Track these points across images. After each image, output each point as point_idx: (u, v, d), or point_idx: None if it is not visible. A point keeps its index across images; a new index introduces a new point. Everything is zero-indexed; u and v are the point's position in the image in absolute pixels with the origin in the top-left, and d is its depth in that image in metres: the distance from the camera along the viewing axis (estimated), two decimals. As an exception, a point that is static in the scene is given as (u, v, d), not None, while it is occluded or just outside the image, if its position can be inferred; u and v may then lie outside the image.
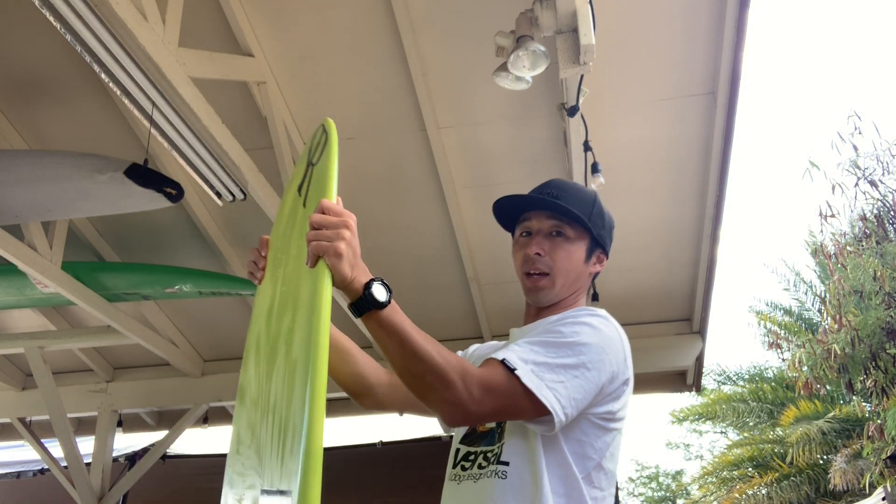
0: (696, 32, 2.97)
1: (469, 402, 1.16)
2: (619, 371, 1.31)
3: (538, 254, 1.43)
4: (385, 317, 1.14)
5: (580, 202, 1.48)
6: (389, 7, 2.91)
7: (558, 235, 1.45)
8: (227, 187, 3.10)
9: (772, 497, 11.98)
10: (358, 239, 1.17)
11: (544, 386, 1.19)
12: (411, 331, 1.15)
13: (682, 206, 3.86)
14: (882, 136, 14.58)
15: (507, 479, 1.26)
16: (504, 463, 1.28)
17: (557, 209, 1.45)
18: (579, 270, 1.47)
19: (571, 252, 1.45)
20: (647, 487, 22.80)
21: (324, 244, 1.11)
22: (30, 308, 4.41)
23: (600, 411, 1.30)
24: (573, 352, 1.25)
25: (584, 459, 1.28)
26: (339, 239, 1.11)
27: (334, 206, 1.16)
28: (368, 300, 1.13)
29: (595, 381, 1.25)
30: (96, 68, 2.46)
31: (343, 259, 1.11)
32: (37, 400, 4.91)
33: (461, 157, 3.58)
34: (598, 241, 1.50)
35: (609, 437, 1.32)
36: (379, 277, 1.15)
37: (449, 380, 1.15)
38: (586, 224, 1.46)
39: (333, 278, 1.11)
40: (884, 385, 9.62)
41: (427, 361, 1.14)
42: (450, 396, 1.16)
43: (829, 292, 10.58)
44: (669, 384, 5.34)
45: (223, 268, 4.26)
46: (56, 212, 3.31)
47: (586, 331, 1.29)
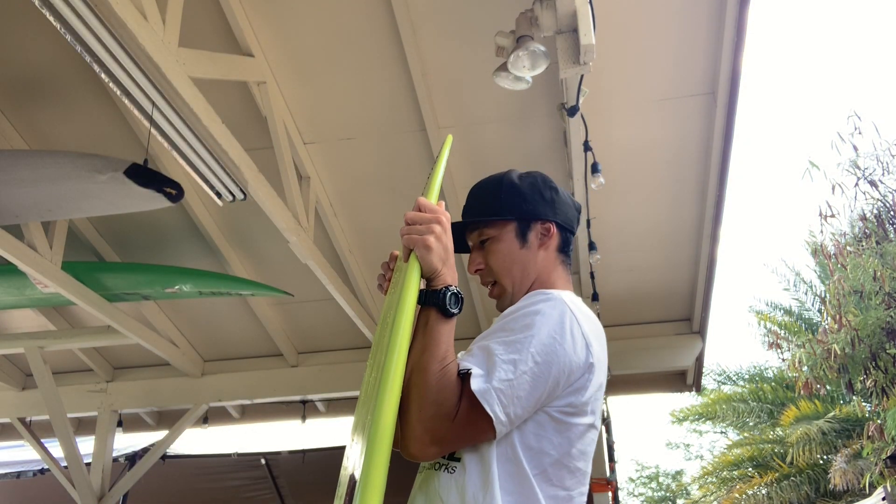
0: (696, 32, 2.97)
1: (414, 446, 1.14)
2: (577, 359, 1.21)
3: (478, 270, 1.43)
4: (436, 320, 1.18)
5: (484, 197, 1.45)
6: (389, 7, 2.91)
7: (484, 243, 1.42)
8: (227, 187, 3.10)
9: (772, 497, 11.98)
10: (451, 238, 1.22)
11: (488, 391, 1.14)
12: (442, 348, 1.17)
13: (682, 206, 3.86)
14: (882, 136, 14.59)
15: (453, 474, 1.22)
16: (456, 459, 1.23)
17: (471, 222, 1.44)
18: (521, 259, 1.40)
19: (500, 249, 1.40)
20: (647, 487, 22.79)
21: (414, 237, 1.18)
22: (30, 308, 4.41)
23: (560, 404, 1.22)
24: (521, 345, 1.18)
25: (539, 455, 1.20)
26: (429, 233, 1.18)
27: (428, 203, 1.23)
28: (438, 297, 1.18)
29: (544, 375, 1.17)
30: (96, 68, 2.46)
31: (432, 252, 1.17)
32: (37, 400, 4.91)
33: (461, 157, 3.58)
34: (525, 216, 1.42)
35: (572, 432, 1.23)
36: (461, 292, 1.19)
37: (425, 409, 1.13)
38: (495, 217, 1.41)
39: (423, 270, 1.17)
40: (884, 385, 9.62)
41: (426, 378, 1.14)
42: (416, 422, 1.14)
43: (829, 292, 10.58)
44: (669, 384, 5.34)
45: (223, 268, 4.26)
46: (56, 212, 3.31)
47: (537, 321, 1.21)
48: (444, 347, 1.17)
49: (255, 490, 6.42)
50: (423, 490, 1.28)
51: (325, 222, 3.89)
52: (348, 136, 3.50)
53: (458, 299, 1.19)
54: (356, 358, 4.96)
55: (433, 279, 1.20)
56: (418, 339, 1.18)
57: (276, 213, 3.17)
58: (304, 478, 6.19)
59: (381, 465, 1.00)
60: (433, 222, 1.20)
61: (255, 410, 5.91)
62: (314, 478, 6.02)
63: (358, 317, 4.20)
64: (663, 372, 5.12)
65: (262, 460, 6.17)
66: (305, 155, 3.56)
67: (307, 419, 5.77)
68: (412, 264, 1.17)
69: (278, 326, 4.82)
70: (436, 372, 1.15)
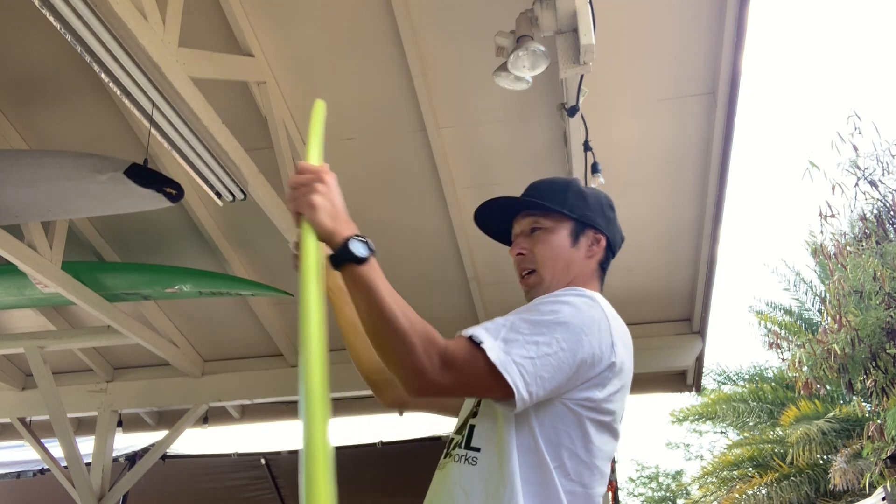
0: (696, 32, 2.97)
1: (429, 371, 1.13)
2: (601, 354, 1.21)
3: (520, 254, 1.43)
4: (360, 272, 1.14)
5: (551, 191, 1.46)
6: (389, 7, 2.91)
7: (536, 230, 1.43)
8: (227, 187, 3.10)
9: (772, 497, 11.99)
10: (339, 194, 1.19)
11: (511, 362, 1.14)
12: (383, 290, 1.14)
13: (681, 206, 3.86)
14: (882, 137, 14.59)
15: (476, 466, 1.22)
16: (475, 448, 1.23)
17: (529, 206, 1.45)
18: (567, 256, 1.42)
19: (552, 241, 1.42)
20: (647, 487, 22.79)
21: (299, 199, 1.16)
22: (30, 308, 4.41)
23: (578, 397, 1.21)
24: (548, 329, 1.18)
25: (557, 447, 1.20)
26: (312, 192, 1.15)
27: (308, 164, 1.21)
28: (346, 253, 1.14)
29: (569, 362, 1.17)
30: (96, 68, 2.46)
31: (319, 210, 1.14)
32: (37, 400, 4.91)
33: (461, 157, 3.58)
34: (583, 221, 1.44)
35: (590, 428, 1.23)
36: (364, 236, 1.16)
37: (410, 344, 1.12)
38: (559, 209, 1.43)
39: (316, 231, 1.14)
40: (884, 385, 9.62)
41: (391, 322, 1.12)
42: (409, 362, 1.13)
43: (829, 292, 10.58)
44: (669, 384, 5.34)
45: (223, 268, 4.26)
46: (56, 212, 3.31)
47: (566, 310, 1.22)
48: (384, 289, 1.14)
49: (255, 490, 6.41)
50: (444, 482, 1.26)
51: (325, 222, 3.88)
52: (348, 136, 3.50)
53: (365, 243, 1.15)
54: (356, 358, 4.95)
55: (331, 238, 1.15)
56: (357, 298, 1.16)
57: (276, 213, 3.17)
58: (304, 478, 6.18)
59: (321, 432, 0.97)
60: (315, 181, 1.17)
61: (255, 410, 5.91)
62: (314, 478, 6.01)
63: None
64: (663, 372, 5.11)
65: (262, 460, 6.16)
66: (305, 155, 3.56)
67: (307, 419, 5.76)
68: (304, 229, 1.15)
69: (278, 326, 4.82)
70: (398, 309, 1.13)
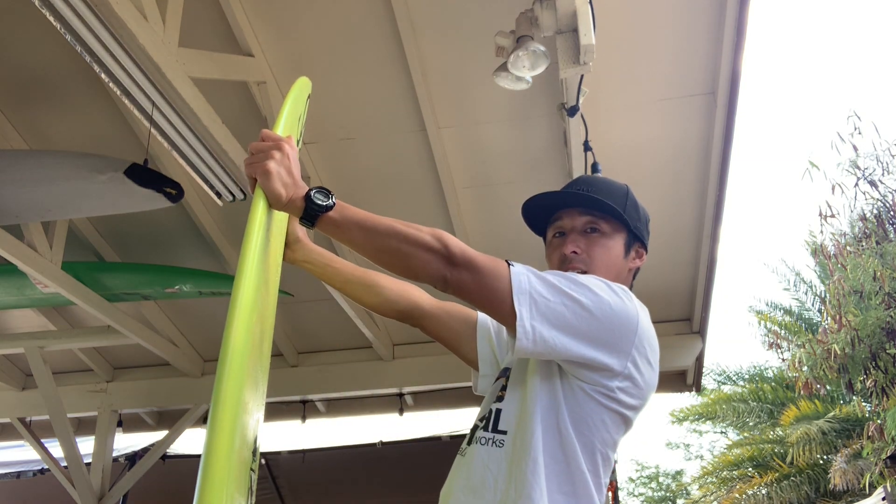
0: (696, 32, 2.97)
1: (450, 255, 1.15)
2: (621, 340, 1.21)
3: (575, 252, 1.37)
4: (337, 215, 1.16)
5: (612, 195, 1.42)
6: (389, 7, 2.91)
7: (593, 231, 1.39)
8: (227, 187, 3.10)
9: (772, 497, 11.98)
10: (297, 165, 1.19)
11: (527, 293, 1.15)
12: (369, 215, 1.17)
13: (682, 206, 3.86)
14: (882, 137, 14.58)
15: (503, 448, 1.23)
16: (502, 432, 1.25)
17: (591, 203, 1.39)
18: (619, 266, 1.40)
19: (609, 247, 1.39)
20: (647, 487, 22.79)
21: (254, 164, 1.15)
22: (30, 308, 4.41)
23: (593, 379, 1.21)
24: (581, 291, 1.18)
25: (584, 426, 1.22)
26: (267, 159, 1.14)
27: (270, 132, 1.20)
28: (314, 208, 1.15)
29: (585, 326, 1.17)
30: (96, 68, 2.46)
31: (272, 177, 1.13)
32: (37, 400, 4.91)
33: (461, 157, 3.58)
34: (635, 234, 1.43)
35: (607, 416, 1.23)
36: (316, 186, 1.17)
37: (422, 240, 1.14)
38: (622, 217, 1.39)
39: (267, 198, 1.14)
40: (884, 385, 9.62)
41: (395, 232, 1.15)
42: (429, 255, 1.15)
43: (829, 292, 10.58)
44: (669, 384, 5.34)
45: (223, 268, 4.26)
46: (56, 212, 3.31)
47: (607, 291, 1.22)
48: (369, 217, 1.17)
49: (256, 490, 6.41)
50: (469, 464, 1.26)
51: (325, 222, 3.88)
52: (348, 136, 3.50)
53: (321, 190, 1.17)
54: (356, 358, 4.96)
55: (286, 205, 1.16)
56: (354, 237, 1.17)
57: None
58: (304, 478, 6.19)
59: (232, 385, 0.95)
60: (273, 149, 1.16)
61: (255, 410, 5.90)
62: (314, 478, 6.02)
63: (358, 317, 4.20)
64: (663, 372, 5.04)
65: (263, 460, 6.17)
66: (305, 155, 3.56)
67: (307, 419, 5.77)
68: (257, 194, 1.14)
69: (278, 326, 4.82)
70: (391, 221, 1.16)
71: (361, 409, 5.44)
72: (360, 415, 5.49)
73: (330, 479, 5.90)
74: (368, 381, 4.93)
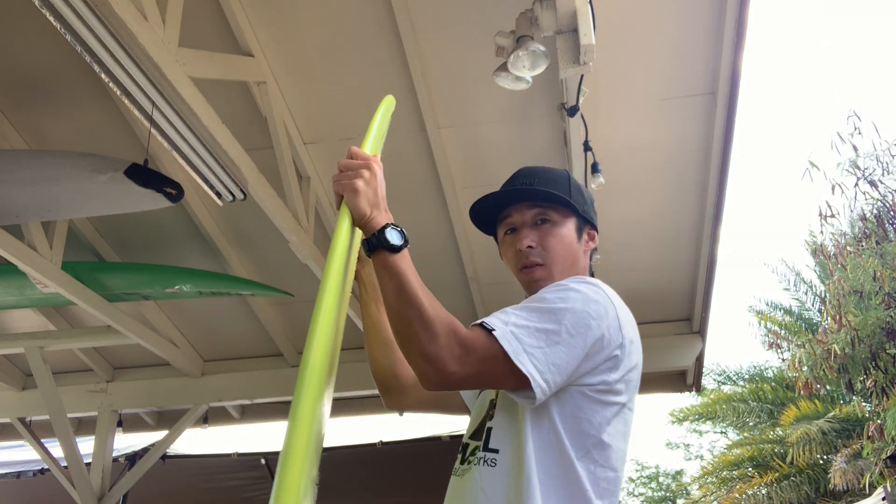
0: (696, 32, 2.97)
1: (449, 360, 1.12)
2: (609, 337, 1.22)
3: (530, 246, 1.38)
4: (392, 259, 1.16)
5: (555, 183, 1.44)
6: (389, 7, 2.91)
7: (544, 222, 1.40)
8: (227, 187, 3.10)
9: (772, 497, 11.98)
10: (383, 184, 1.23)
11: (522, 350, 1.14)
12: (412, 279, 1.16)
13: (681, 206, 3.86)
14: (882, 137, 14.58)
15: (496, 467, 1.22)
16: (493, 450, 1.24)
17: (537, 196, 1.41)
18: (575, 252, 1.42)
19: (562, 235, 1.40)
20: (647, 487, 22.79)
21: (343, 182, 1.19)
22: (30, 308, 4.41)
23: (594, 381, 1.22)
24: (555, 317, 1.19)
25: (581, 437, 1.21)
26: (357, 177, 1.19)
27: (359, 150, 1.24)
28: (380, 240, 1.16)
29: (579, 346, 1.18)
30: (96, 68, 2.46)
31: (360, 195, 1.17)
32: (37, 400, 4.91)
33: (461, 157, 3.58)
34: (584, 217, 1.45)
35: (609, 411, 1.24)
36: (399, 226, 1.19)
37: (434, 331, 1.12)
38: (569, 203, 1.41)
39: (353, 215, 1.17)
40: (884, 385, 9.62)
41: (418, 308, 1.13)
42: (430, 349, 1.12)
43: (829, 292, 10.58)
44: (669, 384, 5.34)
45: (223, 268, 4.26)
46: (56, 212, 3.31)
47: (572, 296, 1.22)
48: (415, 279, 1.16)
49: (255, 490, 6.41)
50: (465, 486, 1.26)
51: (325, 222, 3.89)
52: (348, 136, 3.50)
53: (401, 233, 1.18)
54: (356, 358, 4.90)
55: (365, 224, 1.18)
56: (387, 286, 1.17)
57: (276, 213, 3.17)
58: (304, 478, 6.18)
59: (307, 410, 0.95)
60: (362, 168, 1.20)
61: (255, 410, 5.90)
62: (314, 478, 6.01)
63: (358, 317, 4.19)
64: (663, 372, 5.11)
65: (262, 460, 6.16)
66: (305, 155, 3.56)
67: (307, 419, 5.77)
68: (342, 211, 1.18)
69: (278, 326, 4.81)
70: (427, 299, 1.14)
71: (361, 409, 5.44)
72: (360, 415, 5.49)
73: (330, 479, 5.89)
74: (368, 381, 4.89)
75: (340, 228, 1.15)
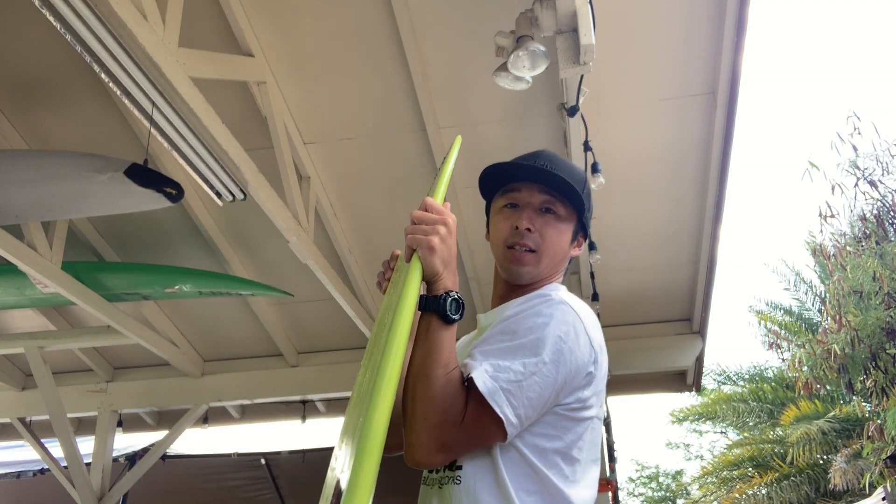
0: (696, 32, 2.97)
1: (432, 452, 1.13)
2: (583, 359, 1.21)
3: (529, 229, 1.35)
4: (438, 329, 1.16)
5: (573, 175, 1.40)
6: (390, 7, 2.91)
7: (549, 212, 1.37)
8: (227, 187, 3.10)
9: (772, 497, 11.98)
10: (455, 242, 1.21)
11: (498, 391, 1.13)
12: (444, 356, 1.15)
13: (682, 206, 3.86)
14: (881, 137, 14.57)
15: (461, 484, 1.19)
16: (457, 467, 1.21)
17: (555, 184, 1.36)
18: (564, 253, 1.39)
19: (561, 231, 1.37)
20: (647, 487, 22.78)
21: (419, 237, 1.16)
22: (30, 308, 4.41)
23: (569, 401, 1.21)
24: (529, 351, 1.17)
25: (548, 454, 1.20)
26: (434, 234, 1.16)
27: (435, 203, 1.22)
28: (438, 305, 1.16)
29: (553, 377, 1.17)
30: (96, 68, 2.46)
31: (436, 254, 1.15)
32: (37, 400, 4.91)
33: (461, 157, 3.56)
34: (583, 224, 1.42)
35: (581, 426, 1.23)
36: (460, 297, 1.18)
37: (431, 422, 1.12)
38: (580, 202, 1.37)
39: (424, 271, 1.15)
40: (884, 385, 9.62)
41: (432, 387, 1.12)
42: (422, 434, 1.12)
43: (829, 292, 10.58)
44: (669, 384, 5.34)
45: (223, 268, 4.26)
46: (56, 212, 3.31)
47: (543, 325, 1.20)
48: (446, 354, 1.15)
49: (255, 490, 6.42)
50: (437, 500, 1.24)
51: (325, 222, 3.89)
52: (348, 136, 3.50)
53: (460, 305, 1.17)
54: (356, 358, 4.96)
55: (434, 282, 1.17)
56: (419, 346, 1.17)
57: (276, 213, 3.17)
58: (303, 478, 6.19)
59: (370, 471, 0.94)
60: (439, 223, 1.18)
61: (255, 410, 5.91)
62: (314, 478, 6.01)
63: (358, 317, 4.20)
64: (663, 372, 5.12)
65: (262, 460, 6.17)
66: (305, 155, 3.56)
67: (307, 419, 5.77)
68: (414, 265, 1.15)
69: (278, 326, 4.82)
70: (440, 378, 1.13)
71: (361, 409, 5.44)
72: (359, 415, 5.49)
73: (330, 479, 5.90)
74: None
75: (411, 285, 1.12)
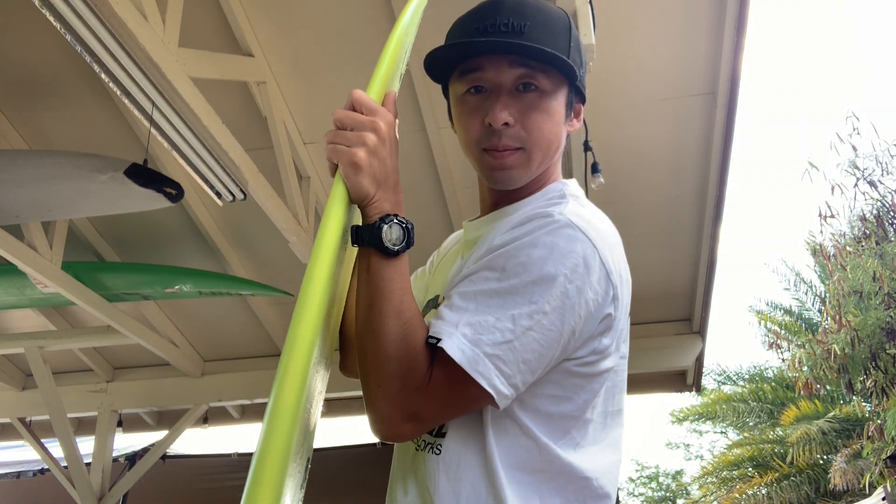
0: (696, 32, 2.97)
1: (399, 421, 0.90)
2: (598, 299, 0.92)
3: (506, 123, 0.99)
4: (378, 263, 0.89)
5: (553, 33, 1.01)
6: (389, 7, 2.91)
7: (528, 90, 1.00)
8: (227, 187, 3.10)
9: (772, 497, 12.00)
10: (395, 149, 0.94)
11: (481, 356, 0.87)
12: (395, 301, 0.88)
13: (681, 206, 3.86)
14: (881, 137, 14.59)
15: (440, 455, 0.95)
16: (441, 434, 0.96)
17: (525, 51, 0.98)
18: (559, 135, 1.05)
19: (552, 112, 1.02)
20: (647, 487, 22.80)
21: (340, 148, 0.89)
22: (30, 308, 4.41)
23: (582, 354, 0.94)
24: (521, 296, 0.89)
25: (559, 420, 0.95)
26: (359, 144, 0.88)
27: (366, 99, 0.92)
28: (373, 235, 0.88)
29: (556, 331, 0.89)
30: (96, 68, 2.46)
31: (362, 171, 0.88)
32: (37, 400, 4.91)
33: (461, 157, 3.57)
34: (578, 87, 1.07)
35: (597, 383, 0.97)
36: (406, 219, 0.91)
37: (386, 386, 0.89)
38: (568, 66, 0.99)
39: (350, 193, 0.88)
40: (884, 385, 9.62)
41: (382, 344, 0.88)
42: (380, 406, 0.91)
43: (829, 292, 10.59)
44: (669, 384, 5.34)
45: (223, 268, 4.26)
46: (56, 212, 3.31)
47: (539, 259, 0.90)
48: (396, 298, 0.88)
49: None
50: (406, 473, 1.01)
51: (325, 222, 3.89)
52: (348, 136, 3.50)
53: (403, 231, 0.89)
54: (356, 358, 4.95)
55: (366, 206, 0.89)
56: (361, 294, 0.91)
57: (276, 213, 3.17)
58: (303, 478, 6.19)
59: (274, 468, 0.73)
60: (368, 129, 0.89)
61: (255, 410, 5.91)
62: (314, 478, 6.01)
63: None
64: (663, 372, 5.11)
65: (262, 460, 6.16)
66: (305, 155, 3.56)
67: (307, 419, 5.77)
68: (337, 184, 0.88)
69: (278, 326, 4.82)
70: (392, 332, 0.87)
71: (361, 410, 5.42)
72: (360, 415, 5.49)
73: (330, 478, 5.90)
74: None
75: (331, 210, 0.86)
